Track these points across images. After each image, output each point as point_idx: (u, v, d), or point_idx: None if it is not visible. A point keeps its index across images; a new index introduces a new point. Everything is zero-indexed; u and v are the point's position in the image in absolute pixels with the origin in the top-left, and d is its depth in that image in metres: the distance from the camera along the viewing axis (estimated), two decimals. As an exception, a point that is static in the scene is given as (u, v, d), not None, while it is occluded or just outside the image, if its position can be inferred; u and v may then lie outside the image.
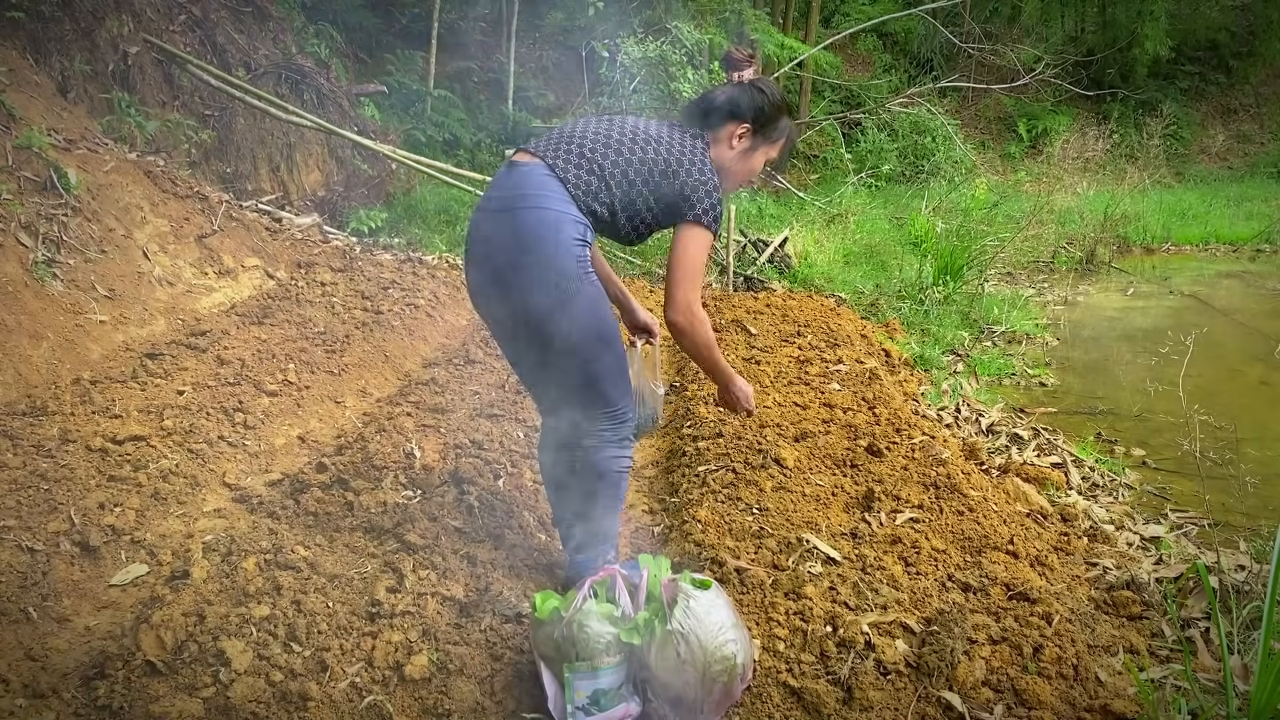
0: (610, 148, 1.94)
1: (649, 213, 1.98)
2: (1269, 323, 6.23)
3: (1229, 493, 3.21)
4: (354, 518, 2.47)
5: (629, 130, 1.98)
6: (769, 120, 2.06)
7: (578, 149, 1.93)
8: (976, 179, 9.99)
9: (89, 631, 2.09)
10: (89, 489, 2.56)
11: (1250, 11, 16.27)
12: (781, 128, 2.10)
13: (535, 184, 1.88)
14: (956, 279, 6.43)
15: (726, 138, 2.05)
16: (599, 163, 1.92)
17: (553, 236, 1.85)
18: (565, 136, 1.97)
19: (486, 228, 1.93)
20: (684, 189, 1.94)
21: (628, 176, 1.93)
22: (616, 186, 1.92)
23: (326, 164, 8.05)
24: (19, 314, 3.50)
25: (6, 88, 4.50)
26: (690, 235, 1.95)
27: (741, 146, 2.07)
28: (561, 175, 1.89)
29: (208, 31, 6.97)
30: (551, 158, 1.91)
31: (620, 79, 9.10)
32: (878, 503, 2.65)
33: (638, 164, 1.93)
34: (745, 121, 2.04)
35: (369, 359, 4.20)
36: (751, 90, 2.04)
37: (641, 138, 1.96)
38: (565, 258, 1.85)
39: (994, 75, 15.21)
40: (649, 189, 1.94)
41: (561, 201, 1.88)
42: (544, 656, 1.77)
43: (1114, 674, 1.99)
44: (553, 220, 1.86)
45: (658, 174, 1.94)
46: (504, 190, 1.93)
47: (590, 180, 1.91)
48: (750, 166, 2.11)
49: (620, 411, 2.03)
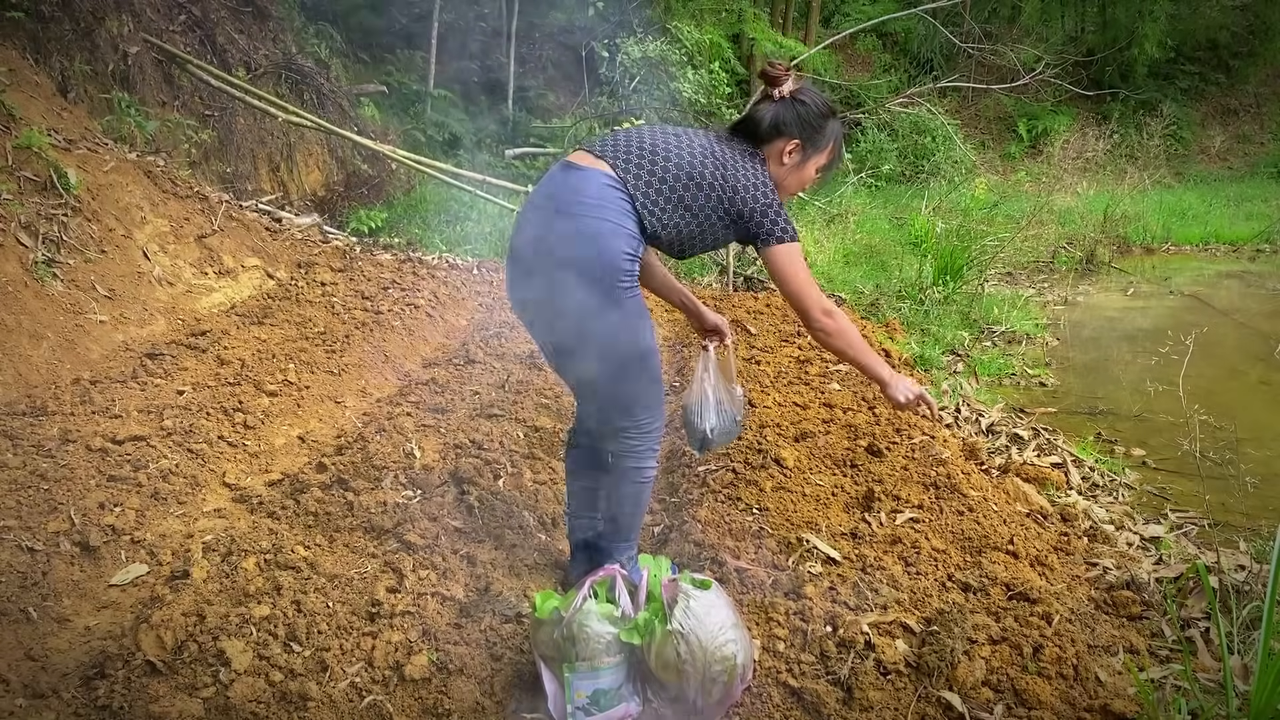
0: (679, 166, 1.92)
1: (718, 232, 1.99)
2: (1269, 323, 6.22)
3: (1229, 493, 3.20)
4: (354, 518, 2.47)
5: (697, 148, 1.95)
6: (815, 130, 2.05)
7: (649, 164, 1.91)
8: (976, 179, 9.98)
9: (89, 631, 2.09)
10: (89, 489, 2.56)
11: (1250, 11, 16.25)
12: (829, 133, 2.08)
13: (595, 191, 1.86)
14: (956, 279, 6.42)
15: (777, 154, 2.05)
16: (668, 181, 1.90)
17: (603, 249, 1.84)
18: (633, 146, 1.95)
19: (538, 226, 1.92)
20: (750, 215, 1.94)
21: (696, 199, 1.92)
22: (681, 205, 1.92)
23: (326, 164, 8.05)
24: (19, 314, 3.50)
25: (6, 88, 4.50)
26: (783, 253, 1.96)
27: (793, 161, 2.06)
28: (631, 191, 1.88)
29: (208, 31, 6.97)
30: (622, 170, 1.89)
31: (620, 79, 9.10)
32: (878, 503, 2.65)
33: (706, 188, 1.92)
34: (794, 138, 2.03)
35: (369, 359, 4.20)
36: (794, 105, 2.03)
37: (710, 158, 1.94)
38: (612, 272, 1.85)
39: (994, 75, 15.20)
40: (715, 213, 1.95)
41: (619, 214, 1.86)
42: (544, 656, 1.77)
43: (1114, 674, 1.99)
44: (608, 232, 1.85)
45: (725, 199, 1.93)
46: (561, 191, 1.91)
47: (657, 199, 1.90)
48: (803, 178, 2.11)
49: (646, 425, 2.04)
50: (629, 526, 2.16)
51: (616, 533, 2.16)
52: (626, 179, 1.88)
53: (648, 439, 2.05)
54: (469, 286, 6.07)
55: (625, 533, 2.16)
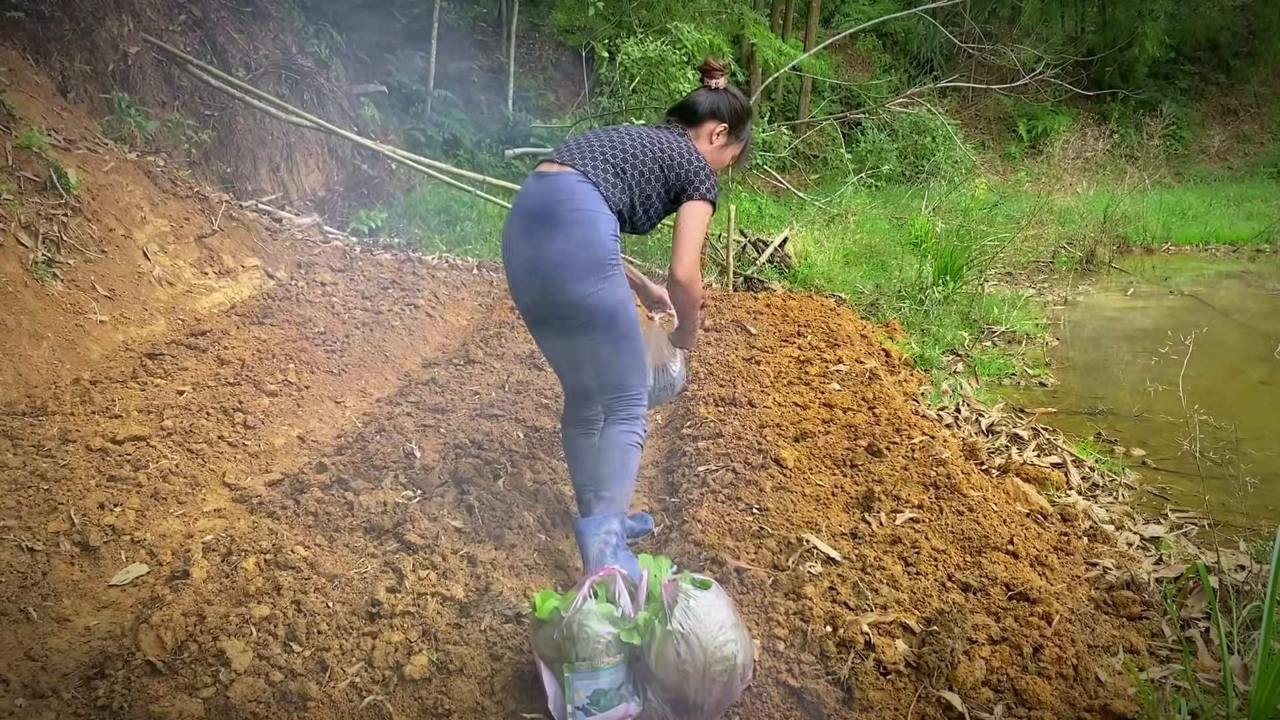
0: (626, 153, 2.26)
1: (659, 201, 2.32)
2: (1269, 323, 6.23)
3: (1229, 493, 3.20)
4: (354, 518, 2.47)
5: (634, 137, 2.31)
6: (740, 121, 2.45)
7: (602, 157, 2.24)
8: (976, 179, 9.98)
9: (89, 631, 2.09)
10: (89, 489, 2.56)
11: (1250, 11, 16.26)
12: (748, 129, 2.50)
13: (570, 189, 2.17)
14: (956, 279, 6.42)
15: (707, 134, 2.42)
16: (621, 168, 2.24)
17: (593, 233, 2.15)
18: (585, 147, 2.28)
19: (530, 226, 2.20)
20: (685, 175, 2.28)
21: (643, 175, 2.26)
22: (635, 185, 2.26)
23: (326, 164, 8.05)
24: (19, 314, 3.50)
25: (6, 88, 4.50)
26: (695, 209, 2.28)
27: (718, 142, 2.44)
28: (594, 180, 2.19)
29: (208, 31, 6.98)
30: (581, 166, 2.21)
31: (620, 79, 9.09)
32: (878, 503, 2.65)
33: (649, 163, 2.27)
34: (724, 122, 2.41)
35: (369, 359, 4.20)
36: (728, 96, 2.43)
37: (646, 141, 2.29)
38: (603, 251, 2.15)
39: (994, 75, 15.21)
40: (659, 183, 2.29)
41: (597, 203, 2.17)
42: (544, 656, 1.77)
43: (1114, 674, 1.99)
44: (592, 219, 2.15)
45: (663, 168, 2.27)
46: (543, 194, 2.20)
47: (616, 183, 2.23)
48: (721, 159, 2.48)
49: (634, 393, 2.33)
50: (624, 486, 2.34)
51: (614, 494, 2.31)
52: (588, 172, 2.20)
53: (634, 408, 2.33)
54: (469, 286, 6.07)
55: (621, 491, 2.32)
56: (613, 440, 2.30)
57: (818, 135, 13.59)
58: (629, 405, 2.31)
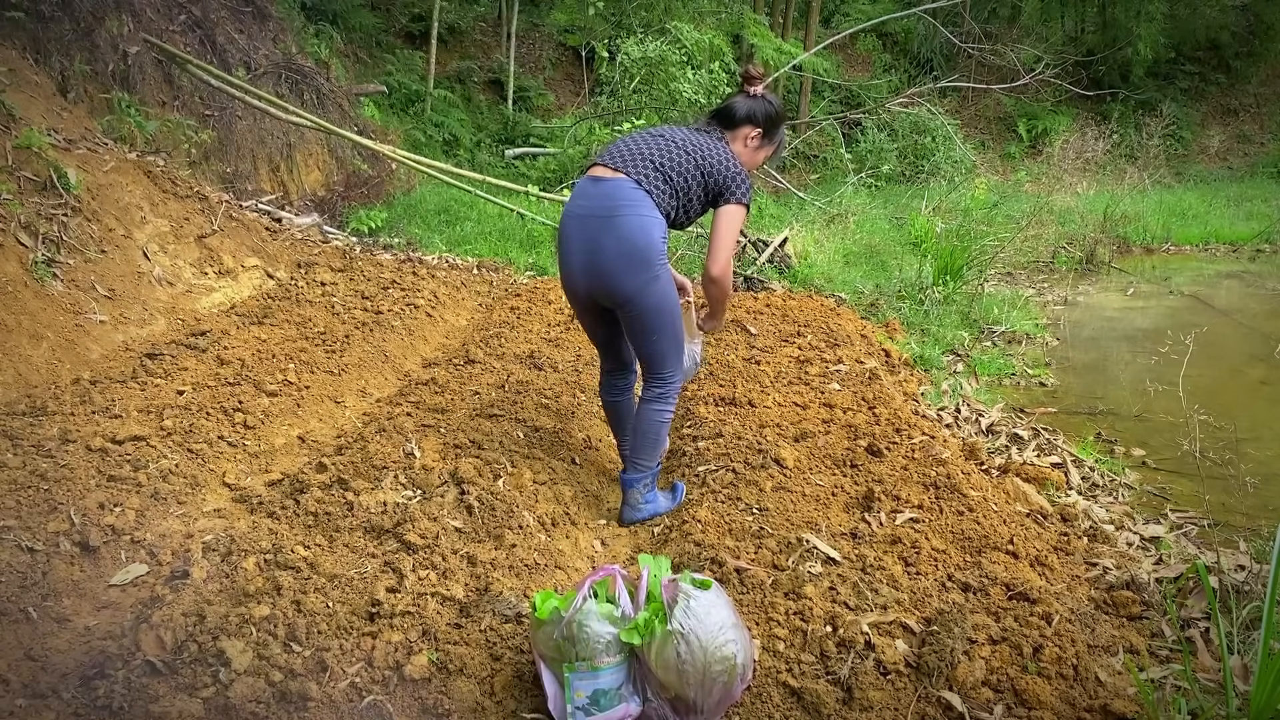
0: (671, 159, 2.50)
1: (698, 202, 2.57)
2: (1269, 323, 6.22)
3: (1229, 493, 3.20)
4: (354, 518, 2.47)
5: (679, 144, 2.54)
6: (774, 126, 2.68)
7: (652, 164, 2.49)
8: (976, 179, 9.99)
9: (89, 631, 2.08)
10: (89, 489, 2.56)
11: (1250, 11, 16.25)
12: (781, 133, 2.74)
13: (627, 195, 2.44)
14: (956, 279, 6.42)
15: (742, 137, 2.66)
16: (668, 175, 2.50)
17: (647, 238, 2.44)
18: (635, 153, 2.52)
19: (587, 228, 2.47)
20: (722, 181, 2.53)
21: (685, 180, 2.52)
22: (680, 190, 2.52)
23: (326, 164, 8.06)
24: (19, 314, 3.50)
25: (6, 88, 4.50)
26: (730, 212, 2.54)
27: (753, 145, 2.68)
28: (647, 189, 2.46)
29: (208, 31, 6.98)
30: (635, 174, 2.47)
31: (620, 79, 9.10)
32: (878, 503, 2.65)
33: (691, 169, 2.52)
34: (758, 126, 2.65)
35: (369, 359, 4.20)
36: (764, 102, 2.65)
37: (689, 148, 2.53)
38: (654, 253, 2.45)
39: (994, 75, 15.21)
40: (699, 186, 2.54)
41: (650, 208, 2.45)
42: (544, 656, 1.77)
43: (1114, 674, 1.99)
44: (648, 225, 2.45)
45: (703, 174, 2.53)
46: (600, 198, 2.47)
47: (665, 189, 2.50)
48: (755, 160, 2.72)
49: (670, 373, 2.66)
50: (656, 453, 2.76)
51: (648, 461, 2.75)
52: (641, 181, 2.46)
53: (667, 389, 2.68)
54: (469, 286, 6.08)
55: (653, 458, 2.75)
56: (648, 419, 2.69)
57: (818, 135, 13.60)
58: (664, 384, 2.66)
